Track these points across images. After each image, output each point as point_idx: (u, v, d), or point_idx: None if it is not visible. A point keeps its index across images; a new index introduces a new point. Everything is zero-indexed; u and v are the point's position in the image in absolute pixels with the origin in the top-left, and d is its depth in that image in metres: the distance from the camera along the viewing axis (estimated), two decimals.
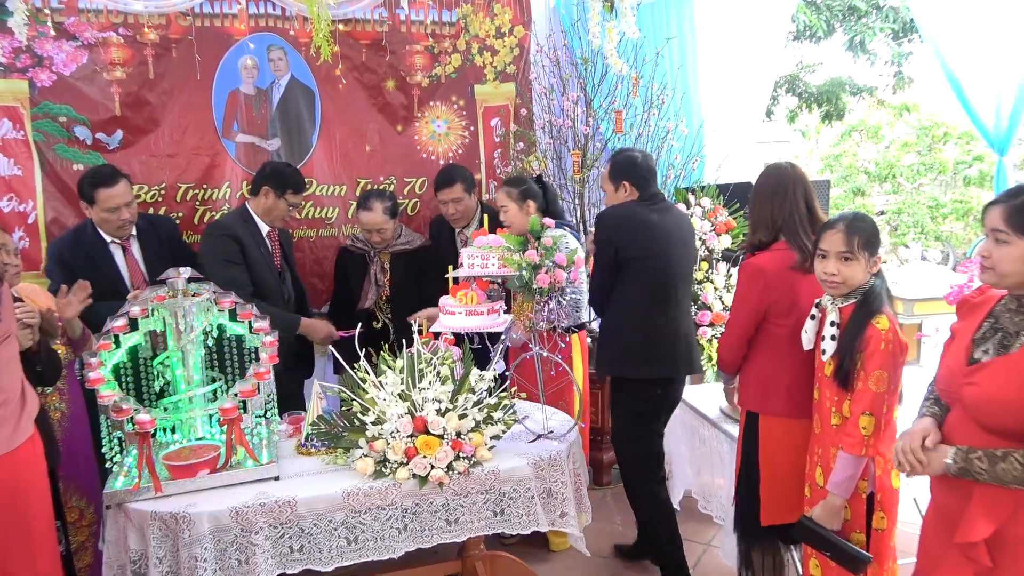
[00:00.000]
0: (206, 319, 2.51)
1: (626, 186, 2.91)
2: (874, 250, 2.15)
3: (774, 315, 2.40)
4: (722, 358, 2.60)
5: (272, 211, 3.30)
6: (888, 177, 8.98)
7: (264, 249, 3.27)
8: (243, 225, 3.24)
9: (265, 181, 3.29)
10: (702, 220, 4.13)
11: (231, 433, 2.34)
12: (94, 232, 3.19)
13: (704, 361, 3.98)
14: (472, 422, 2.44)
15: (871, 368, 2.05)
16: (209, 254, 3.18)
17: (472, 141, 4.50)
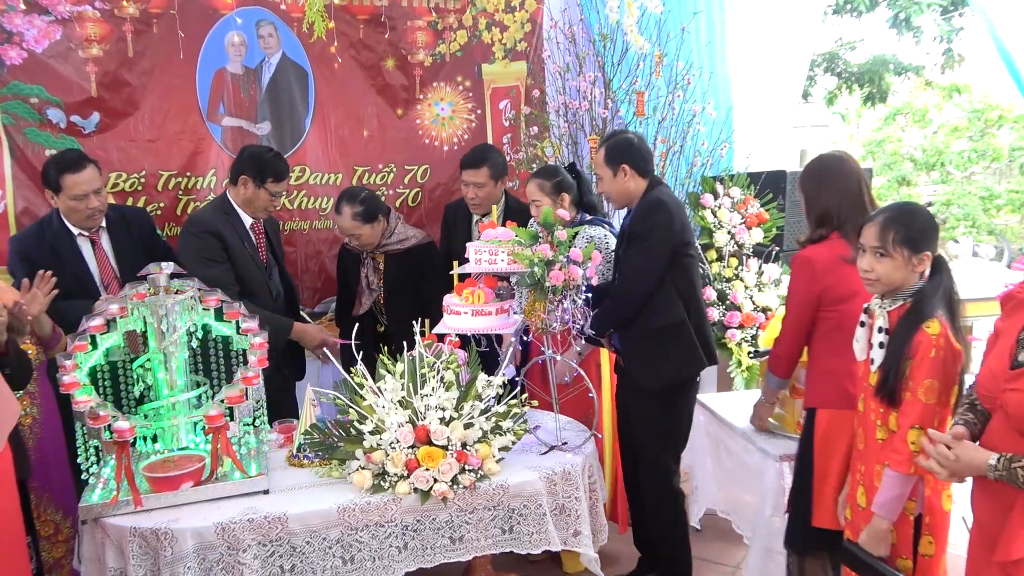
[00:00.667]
0: (190, 319, 2.52)
1: (626, 169, 2.92)
2: (917, 247, 2.12)
3: (826, 305, 2.52)
4: (775, 354, 2.71)
5: (253, 202, 3.26)
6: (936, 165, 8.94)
7: (248, 243, 3.26)
8: (223, 218, 3.22)
9: (243, 169, 3.24)
10: (731, 212, 4.13)
11: (217, 443, 2.36)
12: (60, 224, 3.17)
13: (733, 366, 3.97)
14: (479, 432, 2.44)
15: (920, 377, 2.04)
16: (188, 253, 3.18)
17: (479, 125, 4.51)
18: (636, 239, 2.87)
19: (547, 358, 2.70)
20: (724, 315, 4.00)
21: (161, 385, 2.49)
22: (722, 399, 3.45)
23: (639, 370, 2.95)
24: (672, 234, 2.85)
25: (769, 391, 2.89)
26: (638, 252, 2.86)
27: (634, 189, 2.95)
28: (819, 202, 2.59)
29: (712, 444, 3.32)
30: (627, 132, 3.07)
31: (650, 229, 2.85)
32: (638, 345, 2.96)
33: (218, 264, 3.15)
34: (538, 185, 3.33)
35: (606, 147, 2.98)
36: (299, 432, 2.63)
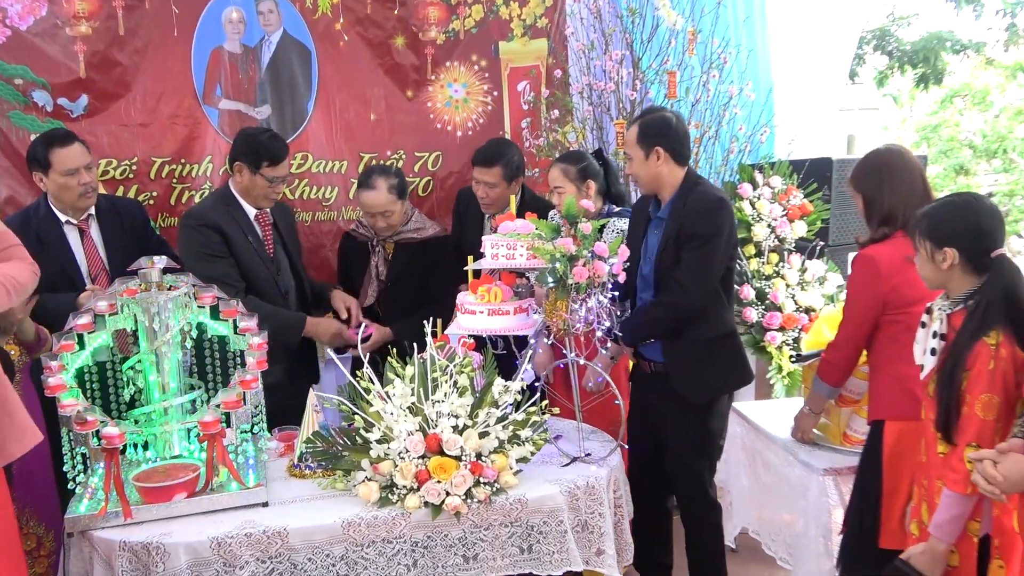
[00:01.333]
0: (184, 317, 2.54)
1: (660, 153, 2.91)
2: (940, 241, 2.12)
3: (893, 308, 2.53)
4: (829, 360, 2.72)
5: (251, 190, 3.26)
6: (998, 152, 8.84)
7: (252, 236, 3.26)
8: (224, 210, 3.23)
9: (236, 154, 3.26)
10: (771, 203, 4.10)
11: (212, 451, 2.37)
12: (48, 211, 3.22)
13: (772, 372, 3.95)
14: (495, 441, 2.44)
15: (977, 391, 2.02)
16: (187, 249, 3.21)
17: (496, 109, 4.50)
18: (695, 241, 2.86)
19: (569, 362, 2.70)
20: (763, 316, 3.98)
21: (153, 388, 2.51)
22: (760, 408, 3.44)
23: (685, 382, 2.95)
24: (733, 239, 2.87)
25: (817, 400, 2.87)
26: (700, 257, 2.85)
27: (666, 176, 2.94)
28: (882, 202, 2.61)
29: (748, 457, 3.30)
30: (665, 111, 3.05)
31: (714, 232, 2.85)
32: (686, 356, 2.96)
33: (219, 259, 3.16)
34: (562, 170, 3.33)
35: (640, 125, 2.96)
36: (301, 440, 2.65)
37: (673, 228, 2.91)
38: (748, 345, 4.02)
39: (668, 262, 2.94)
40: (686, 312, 2.90)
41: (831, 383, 2.76)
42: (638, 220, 3.15)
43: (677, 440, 3.03)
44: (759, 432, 3.20)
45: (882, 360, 2.62)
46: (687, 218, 2.88)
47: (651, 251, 3.01)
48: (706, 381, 2.96)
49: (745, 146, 4.37)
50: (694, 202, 2.90)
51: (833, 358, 2.73)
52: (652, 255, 3.00)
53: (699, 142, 4.27)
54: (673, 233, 2.92)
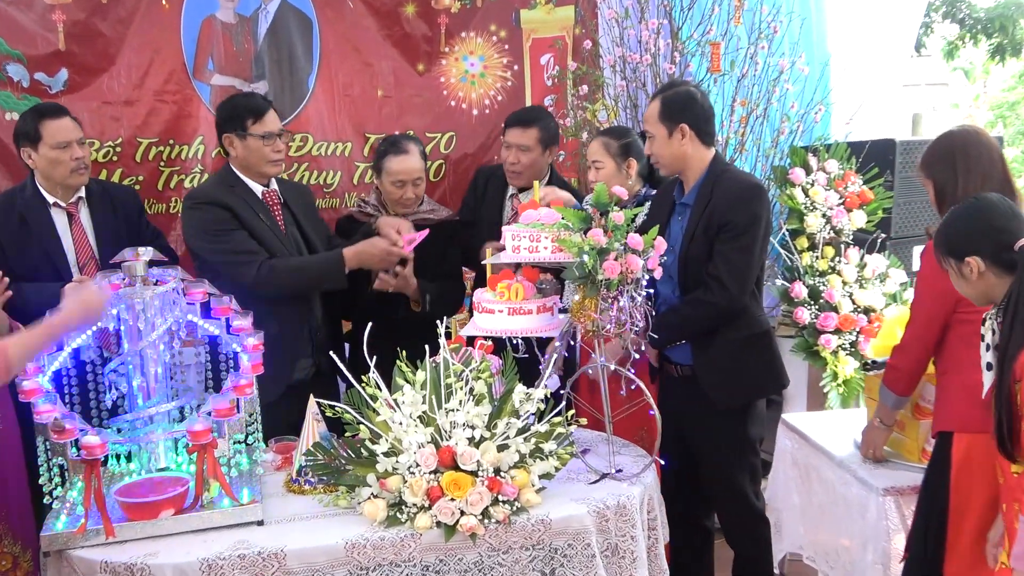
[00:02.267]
0: (172, 315, 2.55)
1: (684, 130, 2.95)
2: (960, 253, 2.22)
3: (965, 306, 2.49)
4: (895, 366, 2.70)
5: (250, 160, 3.28)
6: None
7: (264, 215, 3.29)
8: (229, 191, 3.26)
9: (221, 128, 3.31)
10: (827, 190, 4.07)
11: (202, 463, 2.38)
12: (34, 191, 3.28)
13: (827, 379, 3.92)
14: (515, 455, 2.44)
15: None
16: (194, 230, 3.23)
17: (516, 85, 4.50)
18: (730, 231, 2.89)
19: (599, 367, 2.69)
20: (817, 317, 3.95)
21: (137, 394, 2.53)
22: (813, 420, 3.41)
23: (716, 386, 2.98)
24: (769, 227, 2.88)
25: (886, 412, 2.85)
26: (738, 250, 2.89)
27: (691, 156, 2.97)
28: (955, 189, 2.59)
29: (800, 474, 3.28)
30: (688, 84, 3.09)
31: (751, 222, 2.89)
32: (718, 357, 2.99)
33: (232, 232, 3.19)
34: (603, 144, 3.36)
35: (662, 99, 2.99)
36: (300, 452, 2.66)
37: (701, 216, 2.93)
38: (800, 349, 4.00)
39: (697, 254, 2.95)
40: (726, 312, 2.93)
41: (898, 392, 2.74)
42: (661, 206, 3.16)
43: (713, 450, 3.04)
44: (812, 446, 3.17)
45: (950, 364, 2.60)
46: (719, 206, 2.90)
47: (674, 240, 3.02)
48: (739, 385, 3.00)
49: (797, 126, 4.34)
50: (727, 188, 2.92)
51: (900, 363, 2.71)
52: (676, 245, 3.01)
53: (745, 121, 4.25)
54: (702, 222, 2.93)
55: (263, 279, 3.13)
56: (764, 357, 3.06)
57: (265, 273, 3.14)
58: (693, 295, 2.97)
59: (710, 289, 2.92)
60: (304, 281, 3.27)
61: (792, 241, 4.09)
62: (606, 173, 3.39)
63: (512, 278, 2.69)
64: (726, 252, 2.89)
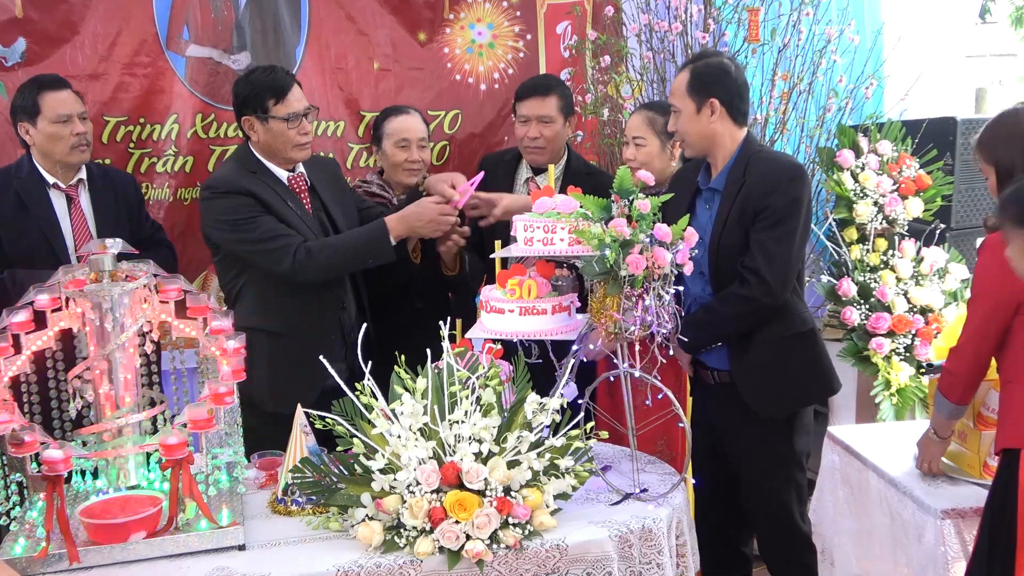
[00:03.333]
0: (143, 314, 2.56)
1: (714, 106, 2.97)
2: None
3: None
4: (950, 371, 2.67)
5: (274, 144, 3.27)
6: None
7: (292, 201, 3.30)
8: (251, 177, 3.26)
9: (238, 109, 3.31)
10: (879, 175, 4.06)
11: (177, 481, 2.39)
12: (32, 170, 3.38)
13: (879, 388, 3.92)
14: (528, 473, 2.44)
15: None
16: (217, 220, 3.23)
17: (530, 56, 4.49)
18: (769, 218, 2.89)
19: (621, 374, 2.69)
20: (867, 318, 3.95)
21: (105, 403, 2.53)
22: (863, 433, 3.41)
23: (757, 394, 2.99)
24: (810, 213, 2.88)
25: (941, 423, 2.83)
26: (778, 239, 2.90)
27: (722, 135, 2.99)
28: (1016, 174, 2.55)
29: (850, 493, 3.28)
30: (722, 55, 3.08)
31: (792, 206, 2.90)
32: (757, 361, 2.99)
33: (260, 217, 3.20)
34: (648, 119, 3.38)
35: (691, 70, 3.01)
36: (286, 469, 2.66)
37: (734, 202, 2.93)
38: (849, 354, 4.00)
39: (729, 245, 2.95)
40: (765, 309, 2.93)
41: (954, 399, 2.72)
42: (681, 191, 3.16)
43: (754, 465, 3.04)
44: (863, 462, 3.17)
45: (1015, 372, 2.59)
46: (755, 189, 2.91)
47: (703, 230, 3.02)
48: (783, 391, 3.01)
49: (846, 102, 4.33)
50: (763, 169, 2.93)
51: (955, 367, 2.70)
52: (704, 236, 3.01)
53: (787, 97, 4.24)
54: (735, 208, 2.93)
55: (301, 264, 3.14)
56: (810, 359, 3.06)
57: (303, 257, 3.14)
58: (727, 291, 2.97)
59: (747, 283, 2.92)
60: (346, 259, 3.27)
61: (840, 232, 4.08)
62: (648, 152, 3.41)
63: (524, 274, 2.69)
64: (764, 241, 2.89)
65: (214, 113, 4.13)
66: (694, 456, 3.02)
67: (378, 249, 3.23)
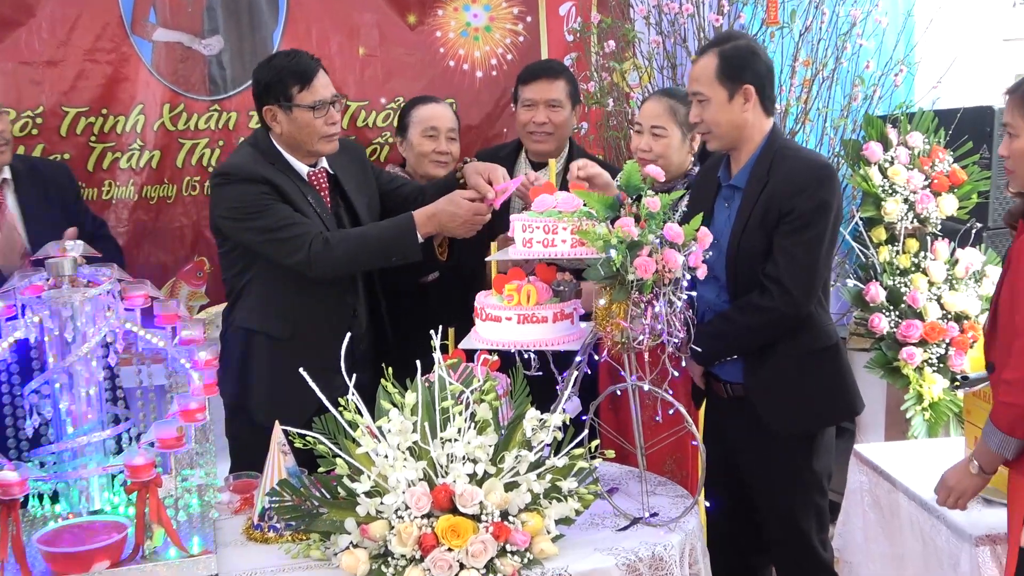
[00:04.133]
0: (107, 323, 2.56)
1: (748, 93, 2.95)
2: None
3: None
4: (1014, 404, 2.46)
5: (299, 136, 3.26)
6: None
7: (312, 197, 3.30)
8: (269, 168, 3.26)
9: (260, 98, 3.29)
10: (910, 169, 4.07)
11: (144, 505, 2.39)
12: None
13: (910, 402, 3.92)
14: (527, 495, 2.44)
15: None
16: (228, 208, 3.23)
17: (530, 40, 4.50)
18: (794, 222, 2.88)
19: (629, 388, 2.69)
20: (897, 326, 3.95)
21: (65, 420, 2.53)
22: (893, 451, 3.41)
23: (775, 412, 2.99)
24: (840, 217, 2.88)
25: (990, 457, 2.58)
26: (803, 246, 2.89)
27: (752, 127, 2.98)
28: None
29: (880, 517, 3.28)
30: (748, 37, 3.07)
31: (819, 210, 2.88)
32: (775, 377, 2.99)
33: (274, 205, 3.19)
34: (670, 108, 3.37)
35: (721, 54, 2.97)
36: (262, 491, 2.66)
37: (756, 202, 2.92)
38: (877, 365, 4.00)
39: (750, 249, 2.94)
40: (786, 321, 2.93)
41: (1019, 435, 2.48)
42: (704, 189, 3.16)
43: (770, 487, 3.04)
44: (892, 483, 3.17)
45: None
46: (779, 189, 2.90)
47: (720, 231, 3.02)
48: (801, 410, 3.00)
49: (873, 91, 4.34)
50: (789, 168, 2.91)
51: (1019, 400, 2.46)
52: (723, 238, 3.01)
53: (809, 85, 4.24)
54: (757, 209, 2.92)
55: (317, 256, 3.11)
56: (832, 376, 3.06)
57: (319, 248, 3.12)
58: (746, 299, 2.96)
59: (767, 293, 2.91)
60: (368, 254, 3.23)
61: (867, 232, 4.08)
62: (667, 144, 3.40)
63: (523, 279, 2.70)
64: (788, 247, 2.88)
65: (183, 103, 4.12)
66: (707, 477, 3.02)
67: (403, 246, 3.19)
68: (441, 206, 3.20)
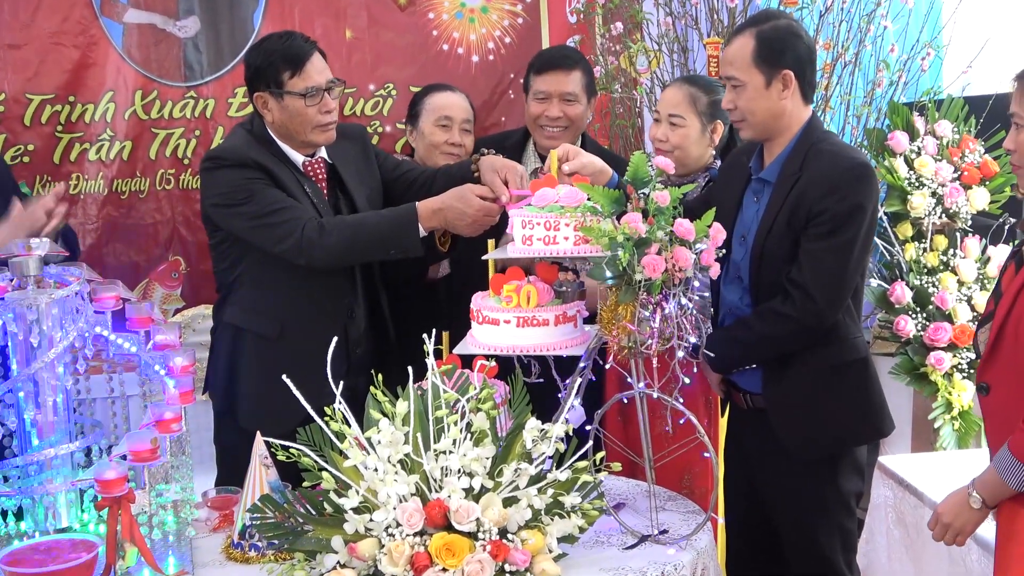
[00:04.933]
0: (75, 327, 2.56)
1: (788, 79, 2.92)
2: None
3: None
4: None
5: (290, 126, 3.25)
6: None
7: (309, 186, 3.31)
8: (263, 152, 3.26)
9: (252, 84, 3.29)
10: (938, 161, 4.07)
11: (116, 522, 2.39)
12: None
13: (938, 411, 3.92)
14: (527, 512, 2.45)
15: None
16: (217, 193, 3.23)
17: (529, 24, 4.50)
18: (824, 224, 2.86)
19: (636, 396, 2.70)
20: (925, 328, 3.96)
21: (30, 430, 2.54)
22: (920, 464, 3.42)
23: (792, 429, 2.97)
24: (875, 222, 2.87)
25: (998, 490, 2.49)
26: (832, 251, 2.86)
27: (790, 116, 2.96)
28: None
29: (905, 534, 3.29)
30: (788, 16, 3.06)
31: (853, 213, 2.85)
32: (794, 391, 2.98)
33: (268, 188, 3.19)
34: (690, 96, 3.37)
35: (758, 35, 2.94)
36: (243, 507, 2.67)
37: (785, 199, 2.90)
38: (903, 371, 4.00)
39: (775, 250, 2.92)
40: (810, 331, 2.91)
41: None
42: (731, 177, 3.15)
43: (791, 506, 3.03)
44: (919, 498, 3.18)
45: None
46: (811, 188, 2.87)
47: (747, 228, 3.01)
48: (822, 430, 2.97)
49: (898, 76, 4.34)
50: (823, 165, 2.89)
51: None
52: (750, 235, 3.00)
53: (830, 70, 4.25)
54: (785, 208, 2.90)
55: (310, 242, 3.09)
56: (858, 393, 3.02)
57: (312, 235, 3.09)
58: (767, 306, 2.95)
59: (789, 299, 2.89)
60: (365, 244, 3.19)
61: (892, 229, 4.09)
62: (684, 134, 3.40)
63: (523, 278, 2.70)
64: (815, 252, 2.86)
65: (157, 90, 4.13)
66: (727, 492, 3.03)
67: (403, 238, 3.16)
68: (449, 201, 3.15)
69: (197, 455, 2.95)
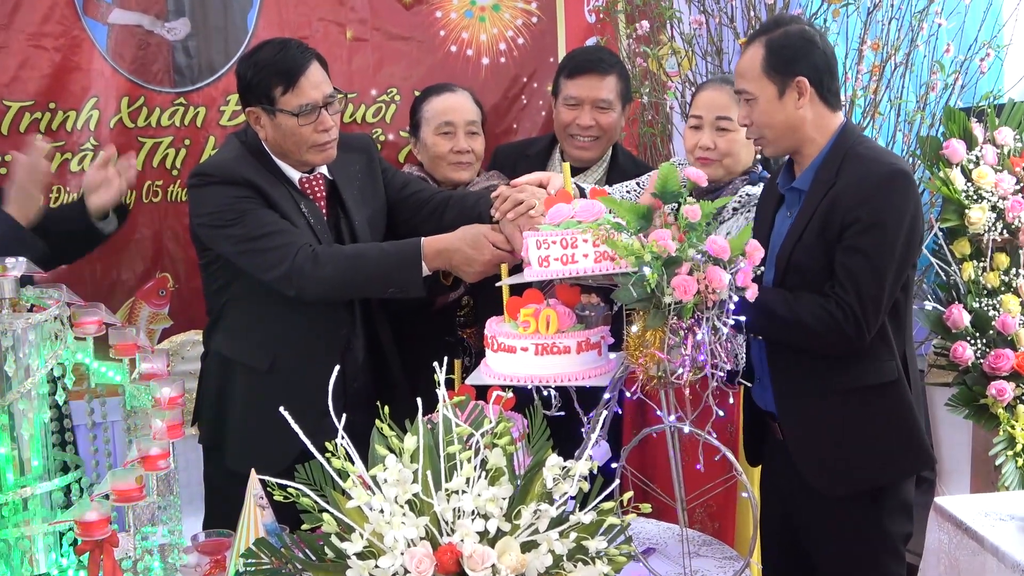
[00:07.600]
0: (54, 354, 2.57)
1: (802, 86, 2.94)
2: None
3: None
4: None
5: (284, 144, 3.27)
6: None
7: (306, 206, 3.32)
8: (255, 168, 3.27)
9: (244, 99, 3.31)
10: (998, 171, 4.07)
11: (97, 568, 2.40)
12: None
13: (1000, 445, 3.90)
14: (548, 557, 2.45)
15: None
16: (206, 212, 3.25)
17: (545, 23, 4.53)
18: (859, 235, 2.86)
19: (667, 430, 2.70)
20: (985, 356, 3.95)
21: (6, 467, 2.55)
22: (981, 505, 3.40)
23: (812, 460, 2.97)
24: (916, 233, 2.86)
25: None
26: (868, 262, 2.86)
27: (810, 125, 2.96)
28: None
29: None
30: (802, 21, 3.07)
31: (890, 222, 2.86)
32: (815, 416, 2.97)
33: (259, 210, 3.19)
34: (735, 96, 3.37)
35: (767, 44, 2.98)
36: (236, 552, 2.68)
37: (817, 207, 2.90)
38: (961, 402, 3.98)
39: (803, 264, 2.93)
40: (848, 341, 2.89)
41: None
42: (766, 201, 3.17)
43: (830, 552, 3.02)
44: (979, 542, 3.16)
45: None
46: (845, 195, 2.88)
47: (775, 243, 3.03)
48: (849, 463, 2.96)
49: (954, 79, 4.34)
50: (859, 171, 2.90)
51: None
52: (775, 248, 3.03)
53: (879, 73, 4.25)
54: (817, 216, 2.90)
55: (301, 272, 3.09)
56: (889, 419, 2.99)
57: (305, 264, 3.09)
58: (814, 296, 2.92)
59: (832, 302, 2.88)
60: (361, 280, 3.19)
61: (948, 246, 4.08)
62: (734, 139, 3.39)
63: (541, 302, 2.70)
64: (850, 265, 2.87)
65: (144, 96, 4.15)
66: (762, 535, 3.01)
67: (403, 277, 3.16)
68: (459, 244, 3.13)
69: (186, 494, 2.95)
